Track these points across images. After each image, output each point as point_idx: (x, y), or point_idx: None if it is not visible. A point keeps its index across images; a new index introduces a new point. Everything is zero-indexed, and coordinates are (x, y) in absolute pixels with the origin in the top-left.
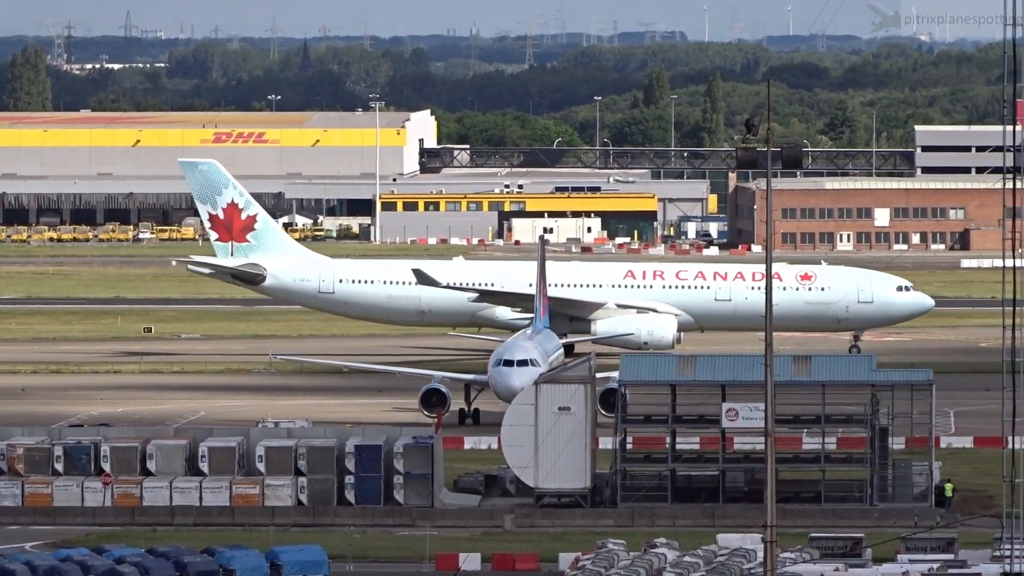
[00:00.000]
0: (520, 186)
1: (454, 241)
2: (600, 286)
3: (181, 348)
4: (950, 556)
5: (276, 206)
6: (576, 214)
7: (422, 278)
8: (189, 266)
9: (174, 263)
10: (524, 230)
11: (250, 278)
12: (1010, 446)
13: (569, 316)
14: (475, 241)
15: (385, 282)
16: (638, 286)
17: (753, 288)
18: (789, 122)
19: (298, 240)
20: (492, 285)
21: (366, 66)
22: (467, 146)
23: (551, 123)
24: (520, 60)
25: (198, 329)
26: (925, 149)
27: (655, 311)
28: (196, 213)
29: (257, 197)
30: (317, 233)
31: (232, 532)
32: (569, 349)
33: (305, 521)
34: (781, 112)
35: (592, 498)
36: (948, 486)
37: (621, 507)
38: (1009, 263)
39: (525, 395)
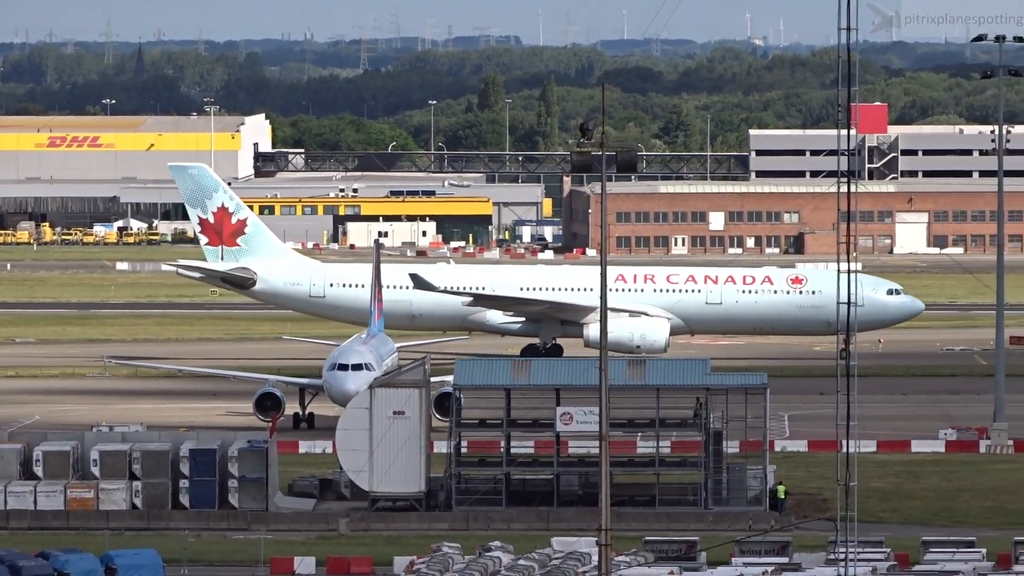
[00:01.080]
0: (355, 190)
1: (289, 245)
2: (591, 290)
3: (16, 352)
4: (784, 559)
5: (111, 210)
6: (411, 218)
7: (419, 283)
8: (179, 270)
9: (8, 267)
10: (359, 234)
11: (240, 282)
12: (844, 450)
13: (561, 320)
14: (310, 245)
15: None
16: (629, 290)
17: (743, 292)
18: (624, 126)
19: (133, 244)
20: (483, 289)
21: (200, 70)
22: (302, 150)
23: (386, 127)
24: (355, 64)
25: (32, 333)
26: (760, 153)
27: (646, 315)
28: (31, 217)
29: (92, 201)
30: (152, 237)
31: (67, 536)
32: (559, 350)
33: (140, 525)
34: (616, 116)
35: (427, 502)
36: (780, 488)
37: (456, 511)
38: (844, 267)
39: (360, 399)
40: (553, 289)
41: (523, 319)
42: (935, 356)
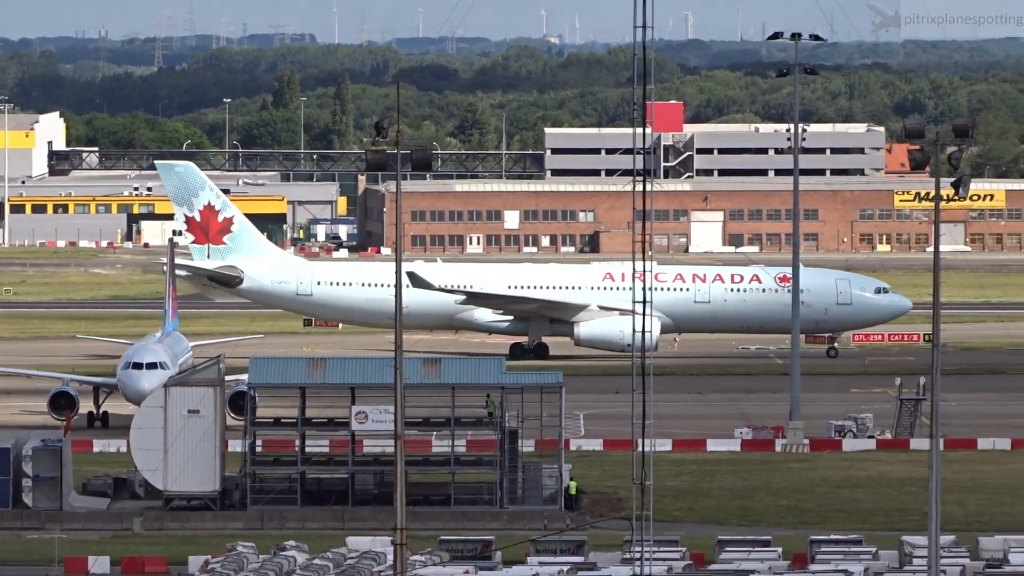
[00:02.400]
0: (149, 188)
1: (83, 243)
2: (579, 288)
3: None
4: (580, 559)
5: None
6: None
7: (416, 281)
8: (165, 268)
9: None
10: (153, 233)
11: (227, 280)
12: (639, 449)
13: (550, 318)
14: (104, 244)
15: (363, 284)
16: (617, 288)
17: (732, 290)
18: (419, 124)
19: None
20: (472, 287)
21: None
22: (96, 148)
23: (180, 125)
24: (149, 62)
25: None
26: (555, 151)
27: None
28: None
29: None
30: None
31: None
32: (544, 350)
33: None
34: (411, 114)
35: (222, 501)
36: (572, 484)
37: (251, 510)
38: (639, 265)
39: (154, 398)
40: (541, 288)
41: (511, 318)
42: (731, 355)
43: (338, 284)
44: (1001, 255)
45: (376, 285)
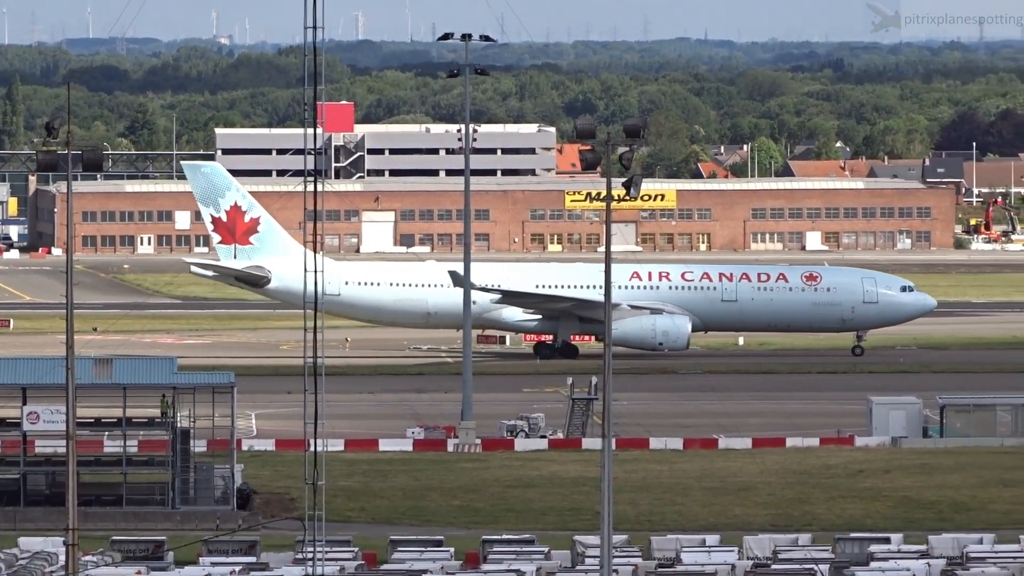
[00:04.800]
0: None
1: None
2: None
3: None
4: (252, 559)
5: None
6: None
7: (458, 280)
8: (192, 268)
9: None
10: None
11: (254, 280)
12: (312, 449)
13: (579, 317)
14: None
15: (392, 284)
16: (644, 287)
17: (759, 289)
18: (90, 125)
19: None
20: (498, 287)
21: None
22: None
23: None
24: None
25: None
26: (226, 152)
27: (665, 312)
28: None
29: None
30: None
31: None
32: (574, 351)
33: None
34: (82, 115)
35: None
36: (224, 484)
37: None
38: (311, 265)
39: None
40: (566, 287)
41: (540, 317)
42: (403, 355)
43: (367, 284)
44: (672, 255)
45: (404, 285)
